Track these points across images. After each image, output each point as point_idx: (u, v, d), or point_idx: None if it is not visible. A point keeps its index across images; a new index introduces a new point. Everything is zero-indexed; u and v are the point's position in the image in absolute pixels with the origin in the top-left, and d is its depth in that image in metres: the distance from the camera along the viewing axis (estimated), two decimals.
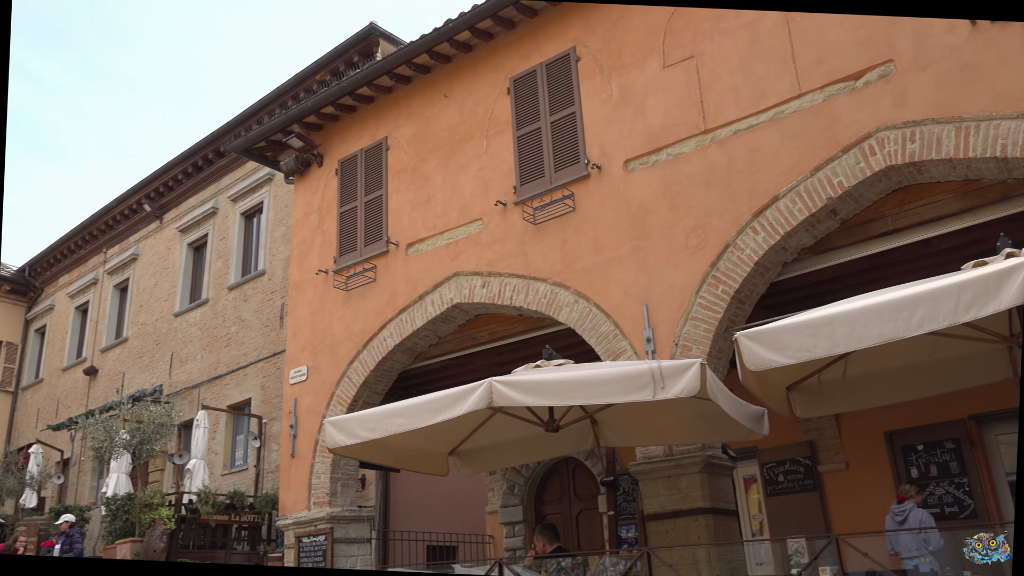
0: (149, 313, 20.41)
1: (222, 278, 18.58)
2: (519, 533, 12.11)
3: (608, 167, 8.34)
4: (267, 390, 16.27)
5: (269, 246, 17.59)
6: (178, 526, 13.66)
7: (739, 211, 7.33)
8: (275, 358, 16.17)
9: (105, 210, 22.35)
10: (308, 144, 11.34)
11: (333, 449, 6.75)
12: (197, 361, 18.29)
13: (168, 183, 20.71)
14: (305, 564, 9.55)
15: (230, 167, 19.35)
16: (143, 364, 19.90)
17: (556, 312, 8.35)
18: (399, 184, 10.29)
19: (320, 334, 10.55)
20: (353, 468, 10.04)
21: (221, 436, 16.99)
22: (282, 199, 17.46)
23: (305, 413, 10.37)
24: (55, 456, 20.95)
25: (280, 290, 16.75)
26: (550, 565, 7.60)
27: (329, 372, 10.26)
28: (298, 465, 10.23)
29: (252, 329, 17.22)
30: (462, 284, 9.22)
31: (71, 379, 22.42)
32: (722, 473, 7.37)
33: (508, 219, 9.03)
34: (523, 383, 5.81)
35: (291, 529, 9.98)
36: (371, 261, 10.22)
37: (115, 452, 15.83)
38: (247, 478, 15.97)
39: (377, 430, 6.41)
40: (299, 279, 11.21)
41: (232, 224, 18.83)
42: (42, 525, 16.14)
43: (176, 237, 20.38)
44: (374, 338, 9.87)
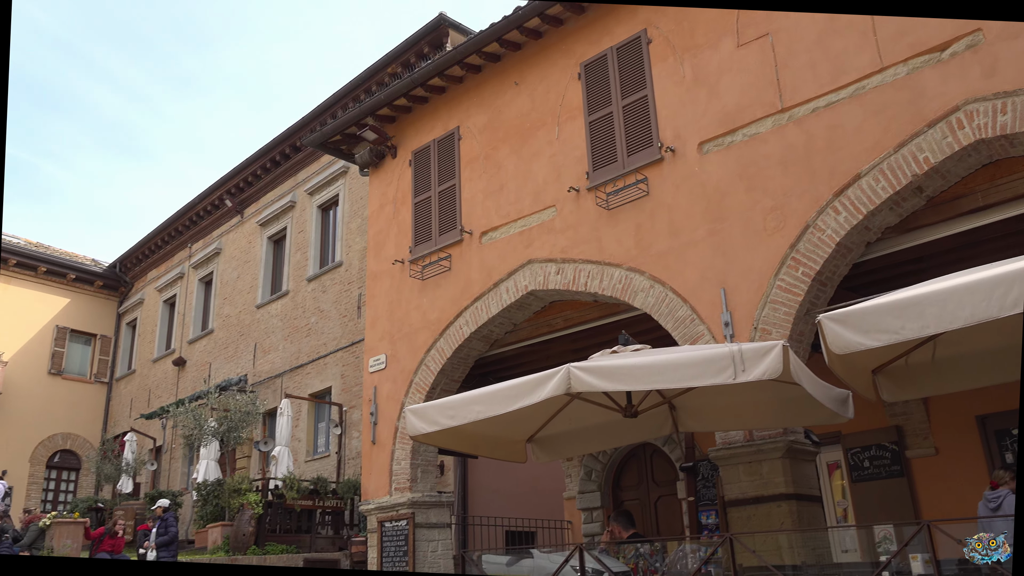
0: (233, 305, 21.06)
1: (301, 270, 19.04)
2: (597, 519, 12.12)
3: (682, 150, 8.24)
4: (347, 379, 16.63)
5: (345, 238, 17.94)
6: (265, 511, 14.12)
7: (819, 191, 7.15)
8: (354, 347, 16.52)
9: (189, 207, 23.14)
10: (382, 136, 11.51)
11: (414, 436, 6.87)
12: (279, 351, 18.81)
13: (247, 179, 21.30)
14: (388, 548, 9.75)
15: (306, 161, 19.78)
16: (228, 355, 20.56)
17: (631, 297, 8.31)
18: (472, 173, 10.36)
19: (397, 323, 10.72)
20: (432, 455, 10.20)
21: (304, 424, 17.45)
22: (357, 191, 17.78)
23: (384, 401, 10.57)
24: (148, 444, 21.86)
25: (357, 281, 17.09)
26: (628, 551, 7.59)
27: (407, 360, 10.43)
28: (379, 452, 10.44)
29: (331, 319, 17.61)
30: (536, 271, 9.25)
31: (161, 370, 23.33)
32: (805, 459, 7.24)
33: (581, 205, 9.01)
34: (600, 368, 5.81)
35: (373, 514, 10.21)
36: (446, 250, 10.33)
37: (204, 439, 16.45)
38: (329, 464, 16.38)
39: (456, 417, 6.49)
40: (376, 269, 11.40)
41: (309, 217, 19.26)
42: (138, 509, 16.89)
43: (256, 231, 20.97)
44: (450, 326, 9.99)
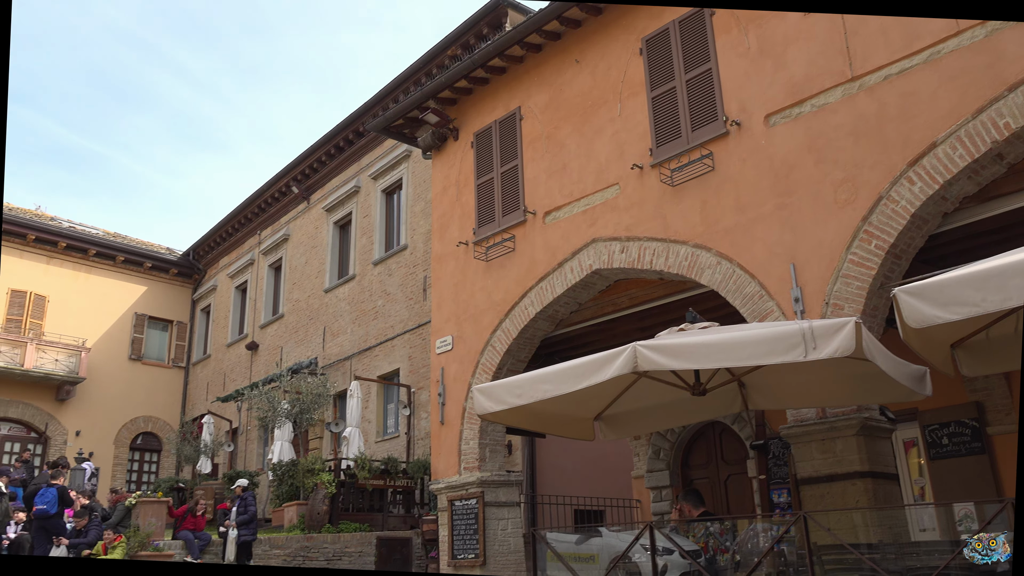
0: (302, 290, 21.51)
1: (367, 254, 19.32)
2: (666, 498, 12.08)
3: (748, 123, 8.08)
4: (414, 360, 16.86)
5: (409, 221, 18.12)
6: (338, 490, 14.44)
7: (892, 161, 6.94)
8: (420, 329, 16.72)
9: (257, 194, 23.66)
10: (444, 119, 11.56)
11: (482, 415, 6.94)
12: (347, 334, 19.16)
13: (313, 165, 21.66)
14: (458, 526, 9.90)
15: (370, 146, 20.01)
16: (299, 338, 21.03)
17: (698, 275, 8.21)
18: (534, 153, 10.34)
19: (463, 304, 10.81)
20: (500, 434, 10.29)
21: (373, 405, 17.77)
22: (420, 175, 17.92)
23: (452, 381, 10.68)
24: (225, 426, 22.55)
25: (422, 263, 17.26)
26: (698, 530, 7.55)
27: (473, 341, 10.51)
28: (447, 432, 10.58)
29: (397, 302, 17.85)
30: (600, 250, 9.21)
31: (235, 354, 24.00)
32: (880, 436, 7.08)
33: (645, 182, 8.92)
34: (668, 347, 5.77)
35: (443, 493, 10.36)
36: (509, 231, 10.35)
37: (278, 421, 16.88)
38: (399, 445, 16.67)
39: (524, 396, 6.54)
40: (440, 251, 11.50)
41: (374, 201, 19.51)
42: (217, 489, 17.47)
43: (323, 216, 21.33)
44: (515, 307, 10.03)
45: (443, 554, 10.25)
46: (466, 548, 9.70)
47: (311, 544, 13.50)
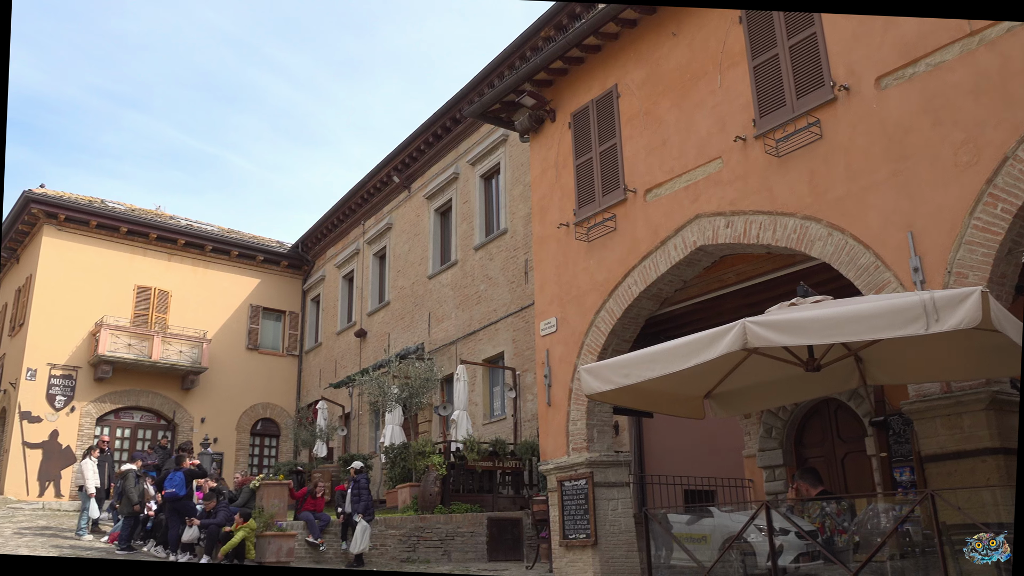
0: (406, 277, 21.96)
1: (468, 239, 19.54)
2: (779, 477, 11.79)
3: (857, 87, 7.74)
4: (518, 343, 16.99)
5: (509, 205, 18.22)
6: (449, 472, 14.75)
7: (1018, 118, 6.52)
8: (523, 312, 16.82)
9: (360, 185, 24.25)
10: (540, 101, 11.54)
11: (589, 395, 6.93)
12: (452, 319, 19.46)
13: (412, 154, 22.03)
14: (569, 506, 9.94)
15: (467, 133, 20.19)
16: (405, 325, 21.50)
17: (808, 247, 7.95)
18: (632, 130, 10.21)
19: (566, 286, 10.80)
20: (607, 415, 10.26)
21: (479, 388, 18.01)
22: (517, 158, 17.97)
23: (557, 363, 10.71)
24: (338, 411, 23.32)
25: (523, 246, 17.33)
26: (814, 510, 7.35)
27: (577, 323, 10.50)
28: (554, 413, 10.62)
29: (499, 286, 18.00)
30: (704, 226, 9.02)
31: (345, 341, 24.74)
32: (1012, 410, 6.70)
33: (749, 154, 8.68)
34: (778, 322, 5.62)
35: (552, 474, 10.42)
36: (610, 210, 10.27)
37: (388, 405, 17.33)
38: (506, 427, 16.85)
39: (631, 376, 6.50)
40: (541, 234, 11.52)
41: (473, 187, 19.69)
42: (333, 472, 18.08)
43: (423, 204, 21.68)
44: (619, 287, 9.95)
45: (554, 534, 10.33)
46: (577, 528, 9.74)
47: (425, 524, 13.84)
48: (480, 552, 13.80)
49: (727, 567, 8.11)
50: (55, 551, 12.49)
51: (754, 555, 10.25)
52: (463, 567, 12.83)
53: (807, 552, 7.01)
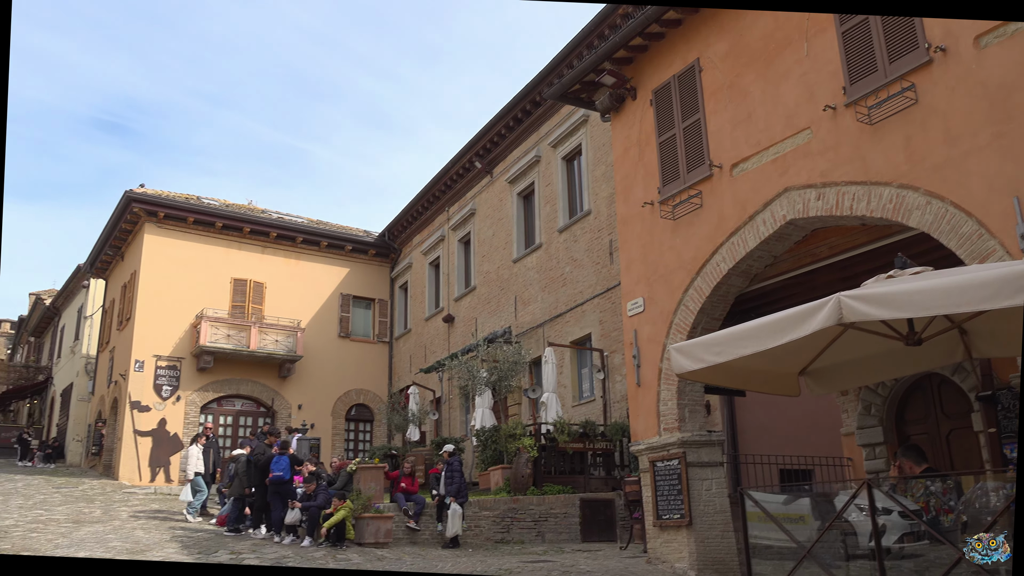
0: (491, 262, 22.12)
1: (551, 222, 19.54)
2: (880, 455, 11.45)
3: (954, 48, 7.39)
4: (605, 324, 16.93)
5: (591, 186, 18.13)
6: (540, 454, 14.85)
7: None
8: (609, 293, 16.75)
9: (442, 173, 24.50)
10: (620, 79, 11.42)
11: (680, 374, 6.87)
12: (538, 302, 19.52)
13: (493, 139, 22.12)
14: (662, 487, 9.89)
15: (547, 115, 20.14)
16: (491, 309, 21.68)
17: (904, 217, 7.66)
18: (716, 104, 10.01)
19: (652, 265, 10.70)
20: (699, 394, 10.14)
21: (567, 370, 18.05)
22: (599, 138, 17.84)
23: (646, 343, 10.64)
24: (429, 395, 23.73)
25: (607, 227, 17.23)
26: (917, 489, 7.12)
27: (665, 302, 10.40)
28: (644, 393, 10.56)
29: (584, 268, 17.96)
30: (794, 199, 8.79)
31: (433, 327, 25.13)
32: None
33: (839, 123, 8.40)
34: (875, 296, 5.44)
35: (644, 454, 10.38)
36: (695, 187, 10.11)
37: (478, 389, 17.54)
38: (595, 408, 16.85)
39: (723, 353, 6.40)
40: (626, 213, 11.43)
41: (555, 169, 19.66)
42: (426, 455, 18.43)
43: (506, 188, 21.77)
44: (707, 264, 9.81)
45: (647, 515, 10.30)
46: (671, 509, 9.69)
47: (518, 506, 14.00)
48: (573, 533, 13.88)
49: (827, 548, 7.94)
50: (168, 533, 13.14)
51: (855, 535, 10.00)
52: (557, 548, 12.92)
53: (911, 532, 6.81)
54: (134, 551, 11.25)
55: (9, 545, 11.23)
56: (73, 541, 11.86)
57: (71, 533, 12.63)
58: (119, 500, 17.87)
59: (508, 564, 10.43)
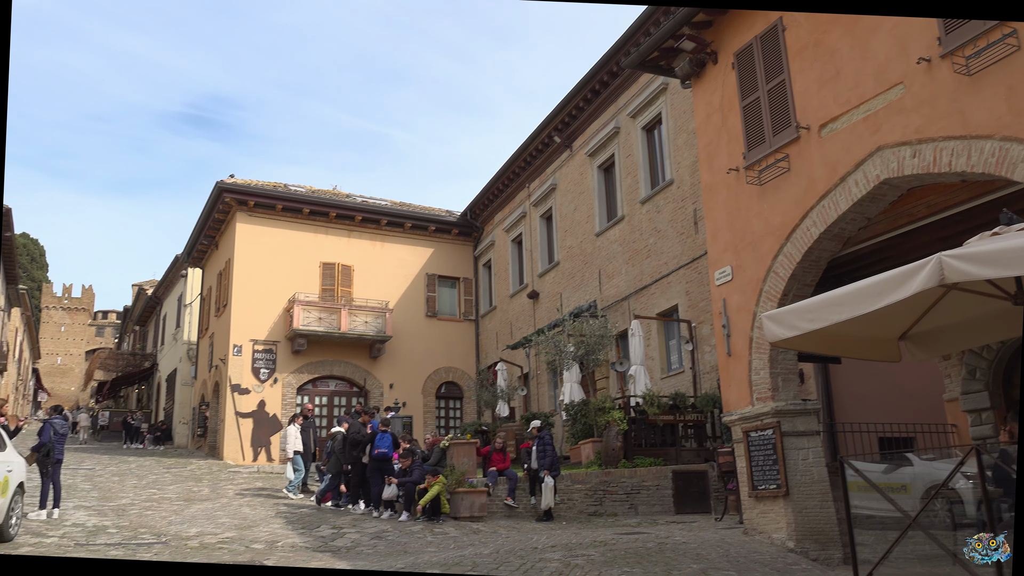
0: (573, 236, 22.06)
1: (633, 193, 19.34)
2: (987, 421, 11.02)
3: None
4: (691, 295, 16.71)
5: (673, 155, 17.84)
6: (630, 427, 14.82)
7: None
8: (695, 263, 16.51)
9: (522, 149, 24.49)
10: (700, 44, 11.17)
11: (774, 342, 6.74)
12: (622, 275, 19.39)
13: (571, 113, 21.97)
14: (756, 457, 9.75)
15: (625, 85, 19.88)
16: (575, 283, 21.65)
17: (1010, 171, 7.28)
18: (801, 64, 9.69)
19: (739, 233, 10.49)
20: (792, 362, 9.93)
21: (655, 342, 17.90)
22: (679, 106, 17.52)
23: (735, 312, 10.46)
24: (516, 371, 23.91)
25: (690, 196, 16.95)
26: None
27: (754, 269, 10.19)
28: (735, 363, 10.40)
29: (668, 238, 17.73)
30: (888, 158, 8.46)
31: (518, 304, 25.26)
32: None
33: (935, 76, 8.02)
34: (980, 254, 5.21)
35: (737, 424, 10.24)
36: (782, 151, 9.83)
37: (565, 364, 17.58)
38: (684, 380, 16.69)
39: (817, 320, 6.25)
40: (710, 181, 11.22)
41: (635, 140, 19.41)
42: (516, 430, 18.61)
43: (586, 162, 21.62)
44: (796, 229, 9.55)
45: (742, 485, 10.18)
46: (766, 479, 9.55)
47: (609, 479, 14.02)
48: (666, 505, 13.84)
49: (932, 517, 7.72)
50: (272, 509, 13.67)
51: (962, 503, 9.68)
52: (650, 520, 12.91)
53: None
54: (242, 526, 11.76)
55: (127, 522, 11.89)
56: (185, 518, 12.48)
57: (183, 510, 13.29)
58: (225, 479, 18.67)
59: (603, 536, 10.48)
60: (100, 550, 9.46)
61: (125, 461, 22.52)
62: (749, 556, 8.67)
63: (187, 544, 10.19)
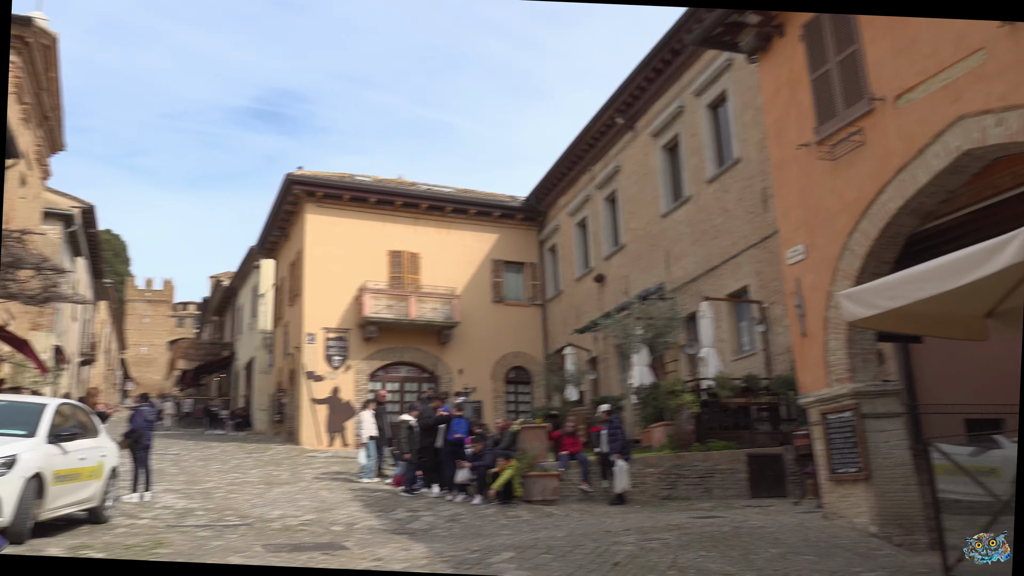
0: (639, 218, 21.84)
1: (699, 173, 19.03)
2: None
3: None
4: (762, 275, 16.39)
5: (739, 132, 17.48)
6: (702, 409, 14.66)
7: None
8: (765, 242, 16.18)
9: (584, 132, 24.33)
10: (766, 16, 10.89)
11: (852, 322, 6.57)
12: (690, 256, 19.13)
13: (633, 93, 21.70)
14: (835, 440, 9.53)
15: (688, 64, 19.54)
16: (642, 266, 21.45)
17: None
18: (874, 32, 9.36)
19: (812, 210, 10.23)
20: (870, 342, 9.66)
21: (725, 324, 17.64)
22: (744, 82, 17.14)
23: (809, 292, 10.22)
24: (585, 355, 23.86)
25: (758, 174, 16.60)
26: None
27: (828, 247, 9.93)
28: (810, 344, 10.17)
29: (737, 218, 17.41)
30: (969, 127, 8.12)
31: (584, 287, 25.17)
32: None
33: (1019, 40, 7.65)
34: None
35: (814, 407, 10.03)
36: (855, 124, 9.53)
37: (634, 347, 17.46)
38: (757, 362, 16.41)
39: (898, 298, 6.05)
40: (780, 158, 10.95)
41: (699, 118, 19.08)
42: (586, 414, 18.57)
43: (650, 142, 21.35)
44: (872, 205, 9.25)
45: (821, 469, 9.98)
46: (846, 462, 9.33)
47: (682, 462, 13.91)
48: (741, 489, 13.66)
49: None
50: (349, 493, 13.96)
51: None
52: (725, 503, 12.77)
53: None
54: (321, 509, 12.04)
55: (213, 504, 12.29)
56: (267, 501, 12.83)
57: (264, 494, 13.67)
58: (303, 463, 19.14)
59: (677, 519, 10.41)
60: (189, 531, 9.80)
61: (208, 447, 23.28)
62: (829, 541, 8.51)
63: (270, 526, 10.48)
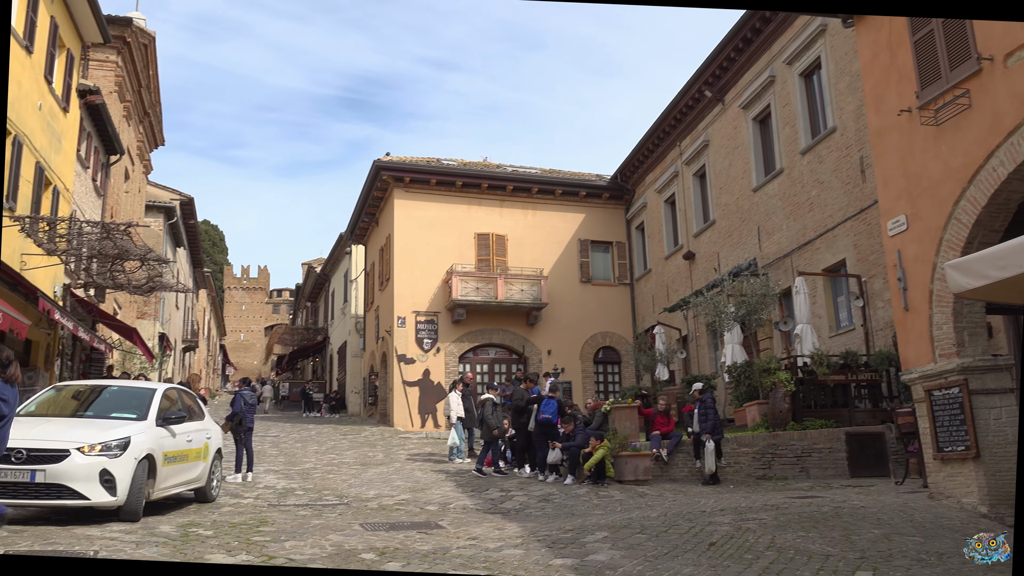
0: (729, 193, 21.35)
1: (792, 144, 18.46)
2: None
3: None
4: (860, 248, 15.82)
5: (835, 100, 16.85)
6: (797, 387, 14.28)
7: None
8: (863, 214, 15.60)
9: (671, 107, 23.88)
10: None
11: (959, 293, 6.26)
12: (783, 231, 18.61)
13: (722, 64, 21.16)
14: (940, 418, 9.14)
15: (777, 32, 18.93)
16: (733, 242, 20.99)
17: None
18: None
19: (914, 178, 9.78)
20: (979, 315, 9.20)
21: (821, 299, 17.12)
22: (839, 48, 16.50)
23: (911, 264, 9.80)
24: (675, 334, 23.56)
25: (855, 143, 15.99)
26: None
27: (932, 217, 9.48)
28: (913, 318, 9.76)
29: (832, 189, 16.83)
30: None
31: (673, 265, 24.81)
32: None
33: None
34: None
35: (918, 383, 9.63)
36: (961, 86, 9.04)
37: (726, 325, 17.13)
38: (855, 338, 15.89)
39: (1009, 267, 5.72)
40: (879, 125, 10.51)
41: (792, 88, 18.48)
42: (678, 393, 18.36)
43: (740, 115, 20.81)
44: (981, 171, 8.78)
45: (926, 447, 9.59)
46: (953, 440, 8.94)
47: (777, 442, 13.60)
48: (840, 468, 13.27)
49: None
50: (442, 473, 14.19)
51: None
52: (823, 483, 12.43)
53: None
54: (415, 489, 12.28)
55: (312, 484, 12.69)
56: (363, 481, 13.17)
57: (360, 474, 14.03)
58: (396, 444, 19.56)
59: (774, 500, 10.19)
60: (291, 510, 10.14)
61: (305, 429, 24.04)
62: (936, 521, 8.18)
63: (367, 505, 10.75)
